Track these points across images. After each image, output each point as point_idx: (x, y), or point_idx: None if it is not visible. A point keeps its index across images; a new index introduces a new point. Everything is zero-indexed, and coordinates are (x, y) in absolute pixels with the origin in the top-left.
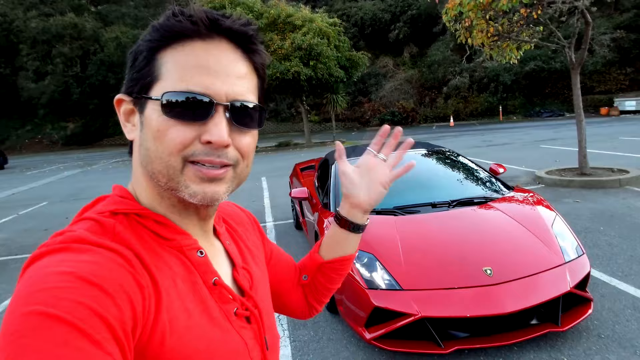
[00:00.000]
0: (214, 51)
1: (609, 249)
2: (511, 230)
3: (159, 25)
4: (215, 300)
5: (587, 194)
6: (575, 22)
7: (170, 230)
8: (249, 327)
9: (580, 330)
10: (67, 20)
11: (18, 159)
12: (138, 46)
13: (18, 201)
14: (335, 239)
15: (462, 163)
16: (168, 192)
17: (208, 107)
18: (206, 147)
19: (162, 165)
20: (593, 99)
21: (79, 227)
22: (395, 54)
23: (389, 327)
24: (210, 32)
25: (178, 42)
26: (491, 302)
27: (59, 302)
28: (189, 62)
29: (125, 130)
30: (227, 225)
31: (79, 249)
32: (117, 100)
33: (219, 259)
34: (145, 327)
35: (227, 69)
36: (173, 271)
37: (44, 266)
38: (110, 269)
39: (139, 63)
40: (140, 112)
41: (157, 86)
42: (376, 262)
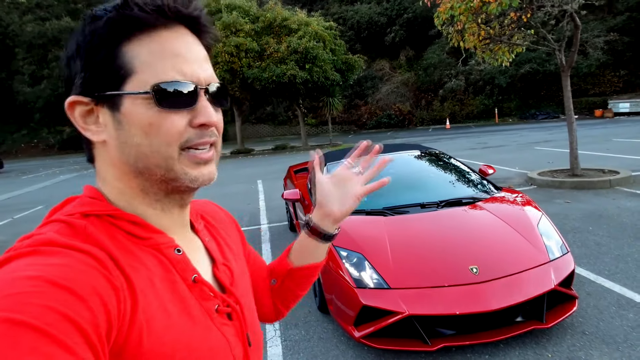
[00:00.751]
0: (181, 39)
1: (597, 248)
2: (497, 229)
3: (119, 16)
4: (196, 298)
5: (578, 194)
6: (565, 26)
7: (145, 230)
8: (230, 324)
9: (565, 327)
10: (63, 24)
11: (14, 163)
12: (89, 40)
13: (14, 205)
14: (305, 246)
15: (452, 164)
16: (159, 185)
17: (194, 93)
18: (198, 131)
19: (160, 157)
20: (587, 101)
21: (47, 229)
22: (391, 57)
23: (377, 326)
24: (173, 20)
25: (143, 32)
26: (477, 300)
27: (26, 307)
28: (164, 51)
29: (88, 134)
30: (205, 222)
31: (48, 252)
32: (70, 104)
33: (198, 256)
34: (121, 330)
35: (196, 55)
36: (150, 271)
37: (11, 271)
38: (82, 271)
39: (100, 59)
40: (114, 110)
41: (134, 79)
42: (365, 262)
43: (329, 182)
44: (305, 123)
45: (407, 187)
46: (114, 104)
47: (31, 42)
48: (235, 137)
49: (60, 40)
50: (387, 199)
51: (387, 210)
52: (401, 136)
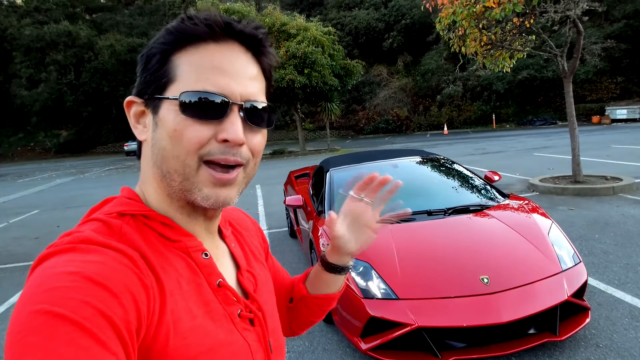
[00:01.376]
0: (227, 53)
1: (605, 257)
2: (508, 238)
3: (174, 29)
4: (220, 302)
5: (581, 201)
6: (568, 32)
7: (176, 232)
8: (252, 329)
9: (578, 340)
10: (62, 28)
11: (10, 167)
12: (150, 49)
13: (9, 209)
14: (321, 279)
15: (457, 170)
16: (179, 193)
17: (224, 106)
18: (222, 146)
19: (179, 164)
20: (585, 108)
21: (86, 227)
22: (389, 63)
23: (385, 338)
24: (223, 35)
25: (192, 44)
26: (488, 312)
27: (65, 301)
28: (204, 63)
29: (136, 132)
30: (232, 228)
31: (86, 249)
32: (128, 102)
33: (223, 261)
34: (150, 328)
35: (240, 70)
36: (178, 272)
37: (51, 266)
38: (116, 270)
39: (152, 65)
40: (154, 113)
41: (173, 87)
42: (372, 271)
43: (344, 228)
44: (303, 128)
45: (412, 194)
46: (156, 107)
47: (29, 46)
48: None
49: (58, 44)
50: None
51: None
52: (399, 141)
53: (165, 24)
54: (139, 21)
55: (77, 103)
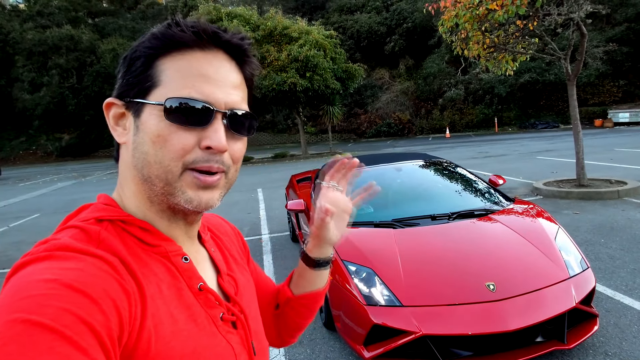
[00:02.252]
0: (213, 61)
1: (611, 262)
2: (514, 243)
3: (160, 34)
4: (201, 306)
5: (586, 205)
6: (571, 34)
7: (155, 237)
8: (235, 332)
9: (586, 348)
10: (64, 32)
11: (12, 170)
12: (134, 52)
13: (10, 213)
14: (305, 277)
15: (460, 174)
16: (161, 197)
17: (208, 113)
18: (205, 153)
19: (161, 170)
20: (587, 111)
21: (63, 235)
22: (391, 66)
23: (389, 346)
24: (209, 43)
25: (178, 50)
26: (494, 319)
27: (43, 309)
28: (190, 70)
29: (115, 133)
30: (211, 233)
31: (64, 257)
32: (107, 104)
33: (204, 266)
34: (132, 333)
35: (225, 79)
36: (158, 277)
37: (28, 274)
38: (95, 276)
39: (136, 68)
40: (136, 117)
41: (157, 91)
42: (375, 277)
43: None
44: (305, 131)
45: (416, 198)
46: (137, 110)
47: (31, 50)
48: None
49: (60, 48)
50: (396, 210)
51: (397, 222)
52: (401, 145)
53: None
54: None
55: (79, 107)
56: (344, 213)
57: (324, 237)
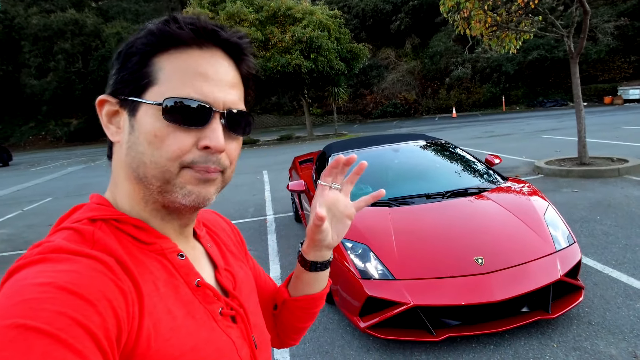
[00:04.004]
0: (211, 60)
1: (604, 238)
2: (503, 219)
3: (157, 30)
4: (200, 301)
5: (586, 183)
6: (574, 11)
7: (149, 235)
8: (235, 326)
9: (571, 318)
10: (68, 16)
11: (22, 156)
12: (129, 48)
13: (23, 197)
14: (303, 279)
15: (457, 154)
16: (156, 196)
17: (207, 113)
18: (203, 153)
19: (158, 170)
20: (597, 88)
21: (56, 237)
22: (396, 46)
23: (382, 316)
24: (208, 41)
25: (176, 48)
26: (482, 291)
27: (38, 313)
28: (189, 69)
29: (108, 132)
30: (207, 229)
31: (57, 259)
32: (100, 101)
33: (200, 262)
34: (131, 333)
35: (223, 77)
36: (154, 275)
37: (22, 278)
38: (91, 277)
39: (132, 65)
40: (131, 115)
41: (154, 90)
42: (370, 253)
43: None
44: (311, 113)
45: (412, 178)
46: (132, 109)
47: (37, 35)
48: None
49: (65, 33)
50: (392, 189)
51: (392, 201)
52: (407, 125)
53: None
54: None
55: (86, 91)
56: (343, 217)
57: (320, 241)
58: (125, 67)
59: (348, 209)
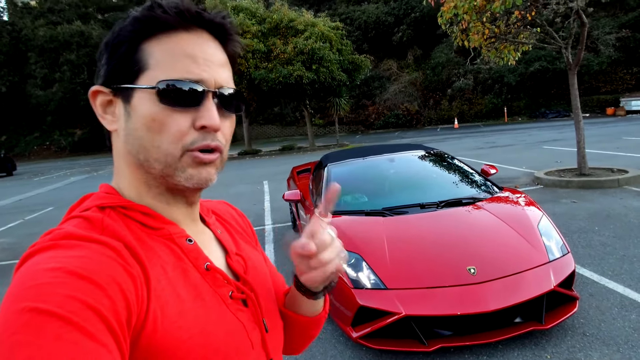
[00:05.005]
0: (198, 42)
1: (602, 249)
2: (497, 229)
3: (143, 16)
4: (209, 285)
5: (585, 194)
6: (572, 23)
7: (157, 220)
8: (246, 310)
9: (565, 329)
10: (74, 28)
11: (27, 165)
12: (116, 37)
13: (25, 207)
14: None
15: (453, 164)
16: (159, 180)
17: (200, 93)
18: (201, 133)
19: (160, 153)
20: (599, 99)
21: (67, 224)
22: (399, 57)
23: (374, 326)
24: (193, 24)
25: (163, 32)
26: (474, 301)
27: (50, 297)
28: (178, 51)
29: (104, 122)
30: (217, 216)
31: (68, 245)
32: (93, 92)
33: (210, 247)
34: (140, 316)
35: (212, 58)
36: (162, 259)
37: (34, 264)
38: (100, 262)
39: (121, 53)
40: (125, 102)
41: (146, 75)
42: (362, 262)
43: None
44: (313, 124)
45: (407, 188)
46: (127, 96)
47: (43, 46)
48: (243, 138)
49: (71, 44)
50: (386, 199)
51: (386, 210)
52: (409, 136)
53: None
54: None
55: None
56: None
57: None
58: (114, 56)
59: (332, 262)
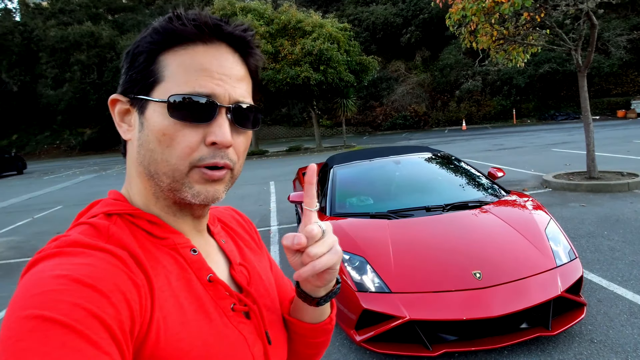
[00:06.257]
0: (216, 55)
1: (611, 254)
2: (503, 233)
3: (162, 28)
4: (211, 297)
5: (594, 198)
6: (582, 25)
7: (163, 230)
8: (248, 322)
9: (572, 335)
10: (85, 28)
11: (37, 164)
12: (137, 47)
13: (34, 205)
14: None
15: (460, 167)
16: (167, 193)
17: (212, 109)
18: (211, 150)
19: (168, 167)
20: (609, 102)
21: (74, 231)
22: (407, 58)
23: (378, 330)
24: (211, 37)
25: (181, 45)
26: (479, 306)
27: (55, 304)
28: (193, 65)
29: (120, 130)
30: (222, 224)
31: (73, 252)
32: (112, 100)
33: (214, 257)
34: (143, 325)
35: (229, 72)
36: (167, 269)
37: (40, 271)
38: (105, 270)
39: (139, 64)
40: (140, 113)
41: (160, 88)
42: (367, 265)
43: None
44: (320, 124)
45: (412, 190)
46: (142, 107)
47: (54, 47)
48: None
49: (81, 45)
50: (392, 201)
51: (392, 213)
52: (416, 137)
53: (173, 10)
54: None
55: (100, 102)
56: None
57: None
58: (133, 66)
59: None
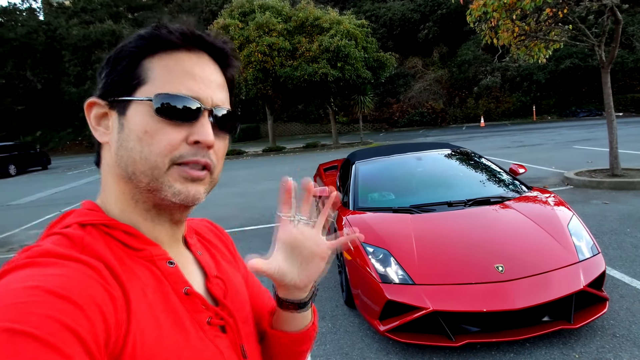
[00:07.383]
0: (199, 62)
1: (634, 251)
2: (525, 228)
3: (147, 34)
4: (187, 310)
5: (617, 195)
6: (605, 20)
7: (139, 241)
8: (224, 336)
9: (594, 329)
10: (106, 27)
11: (60, 160)
12: (119, 52)
13: (60, 199)
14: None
15: (481, 163)
16: (146, 194)
17: (197, 110)
18: (193, 148)
19: (147, 166)
20: (634, 98)
21: (46, 241)
22: (424, 54)
23: (402, 320)
24: (195, 45)
25: (165, 51)
26: (502, 298)
27: (26, 317)
28: (177, 68)
29: (96, 134)
30: (199, 236)
31: (46, 263)
32: (89, 104)
33: (190, 269)
34: (118, 339)
35: (210, 78)
36: (142, 282)
37: (9, 282)
38: (79, 281)
39: (122, 67)
40: (120, 114)
41: (144, 89)
42: (391, 258)
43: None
44: (337, 121)
45: (434, 186)
46: (122, 108)
47: (76, 45)
48: (267, 135)
49: (102, 43)
50: (414, 197)
51: (414, 208)
52: (433, 134)
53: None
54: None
55: None
56: (314, 257)
57: (277, 281)
58: (115, 70)
59: (320, 248)
